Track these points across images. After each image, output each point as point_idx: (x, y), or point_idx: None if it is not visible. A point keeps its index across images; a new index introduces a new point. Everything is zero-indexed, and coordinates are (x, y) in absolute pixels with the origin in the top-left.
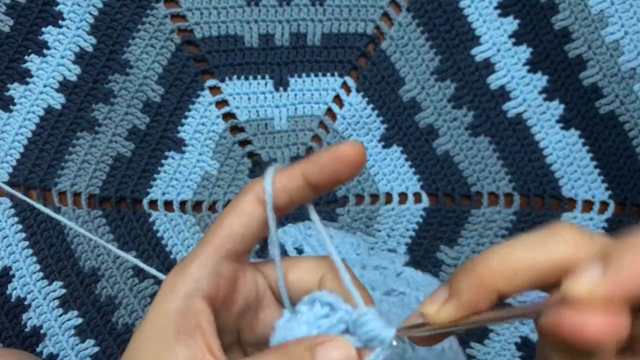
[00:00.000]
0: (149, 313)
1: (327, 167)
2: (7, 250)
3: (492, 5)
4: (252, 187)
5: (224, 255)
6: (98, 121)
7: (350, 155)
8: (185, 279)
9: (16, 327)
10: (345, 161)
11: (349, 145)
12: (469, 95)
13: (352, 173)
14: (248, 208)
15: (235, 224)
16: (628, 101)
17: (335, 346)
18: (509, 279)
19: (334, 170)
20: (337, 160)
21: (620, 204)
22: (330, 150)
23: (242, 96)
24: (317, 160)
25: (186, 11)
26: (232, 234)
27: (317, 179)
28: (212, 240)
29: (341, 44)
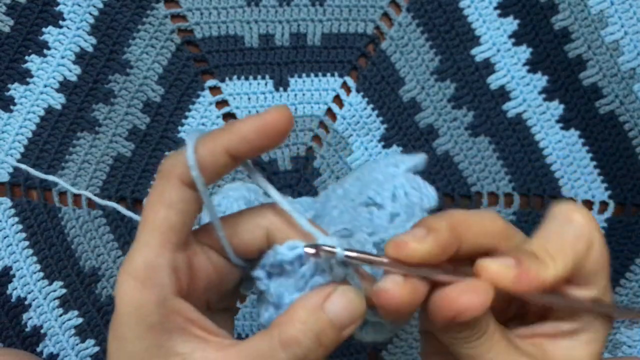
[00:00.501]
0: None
1: (252, 140)
2: (7, 250)
3: (492, 5)
4: (173, 170)
5: (174, 249)
6: (98, 121)
7: (276, 124)
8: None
9: (16, 327)
10: (271, 132)
11: (273, 112)
12: (468, 95)
13: (278, 142)
14: (178, 195)
15: (171, 215)
16: (628, 101)
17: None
18: (475, 236)
19: (258, 143)
20: (262, 132)
21: (620, 204)
22: (252, 120)
23: (242, 96)
24: (239, 133)
25: (186, 11)
26: (172, 227)
27: (242, 153)
28: (155, 238)
29: (341, 44)
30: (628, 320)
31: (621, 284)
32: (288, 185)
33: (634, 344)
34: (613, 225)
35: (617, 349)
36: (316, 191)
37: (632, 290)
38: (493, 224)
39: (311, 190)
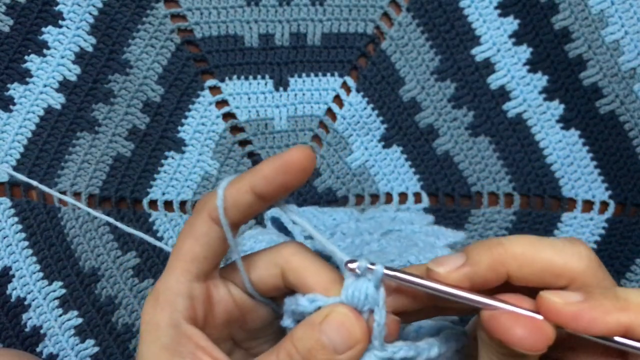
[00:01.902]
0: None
1: (273, 179)
2: (7, 250)
3: (492, 5)
4: (204, 207)
5: (192, 279)
6: (98, 121)
7: (296, 163)
8: (164, 310)
9: (16, 327)
10: (292, 171)
11: (294, 152)
12: (469, 95)
13: (301, 180)
14: (204, 229)
15: (195, 247)
16: (628, 101)
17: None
18: (522, 267)
19: (281, 182)
20: (282, 171)
21: (620, 204)
22: (274, 160)
23: (242, 96)
24: (261, 173)
25: (186, 11)
26: (195, 258)
27: (265, 192)
28: (178, 266)
29: (341, 44)
30: None
31: (621, 284)
32: None
33: None
34: (613, 225)
35: None
36: (316, 191)
37: None
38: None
39: (311, 191)
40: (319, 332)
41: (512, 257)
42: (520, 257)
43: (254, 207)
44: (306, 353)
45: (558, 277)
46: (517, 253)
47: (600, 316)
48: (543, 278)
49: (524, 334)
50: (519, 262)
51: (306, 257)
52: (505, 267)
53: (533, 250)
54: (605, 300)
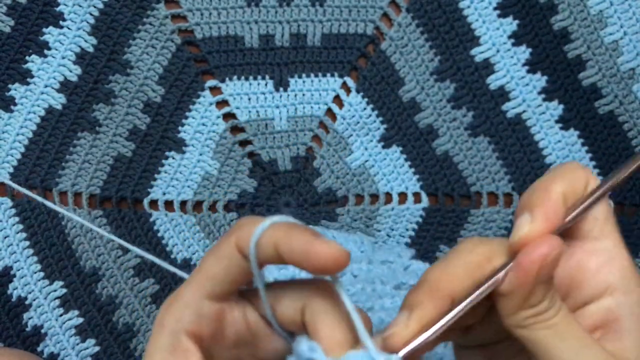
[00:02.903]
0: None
1: (295, 256)
2: (8, 249)
3: (491, 5)
4: (235, 231)
5: (205, 296)
6: (99, 121)
7: (321, 259)
8: (170, 316)
9: (17, 326)
10: (314, 262)
11: (326, 247)
12: (468, 95)
13: (319, 274)
14: (226, 252)
15: (214, 266)
16: (627, 101)
17: None
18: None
19: (301, 263)
20: (306, 256)
21: (619, 204)
22: (307, 238)
23: (242, 96)
24: (289, 241)
25: (186, 12)
26: (212, 277)
27: (286, 259)
28: (195, 279)
29: (341, 45)
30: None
31: None
32: (288, 185)
33: None
34: None
35: None
36: (316, 191)
37: None
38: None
39: (311, 191)
40: None
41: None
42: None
43: (273, 259)
44: None
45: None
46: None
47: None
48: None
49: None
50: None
51: (330, 304)
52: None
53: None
54: None
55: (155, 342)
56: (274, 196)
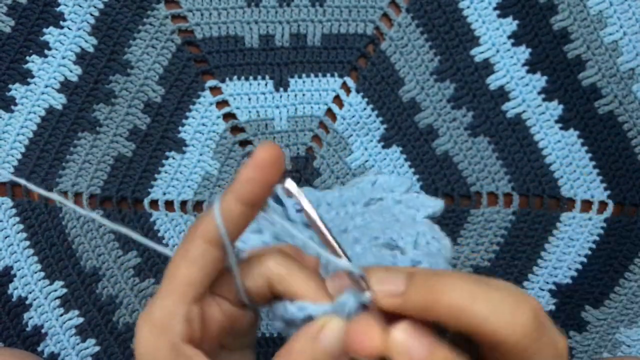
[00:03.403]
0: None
1: (253, 181)
2: (8, 249)
3: (491, 5)
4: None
5: (190, 302)
6: (99, 121)
7: (266, 158)
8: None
9: (17, 326)
10: (266, 165)
11: (261, 149)
12: (468, 95)
13: (278, 172)
14: (198, 252)
15: (191, 271)
16: (627, 101)
17: (333, 329)
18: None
19: (260, 180)
20: (258, 170)
21: (619, 204)
22: (247, 165)
23: (242, 96)
24: (241, 180)
25: (187, 12)
26: (191, 282)
27: (252, 196)
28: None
29: (341, 45)
30: None
31: (620, 284)
32: None
33: (633, 343)
34: (612, 225)
35: (616, 348)
36: None
37: (632, 290)
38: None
39: None
40: (320, 342)
41: (446, 308)
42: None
43: (246, 216)
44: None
45: (486, 341)
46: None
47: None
48: (472, 335)
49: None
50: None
51: (291, 266)
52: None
53: (468, 306)
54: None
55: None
56: None
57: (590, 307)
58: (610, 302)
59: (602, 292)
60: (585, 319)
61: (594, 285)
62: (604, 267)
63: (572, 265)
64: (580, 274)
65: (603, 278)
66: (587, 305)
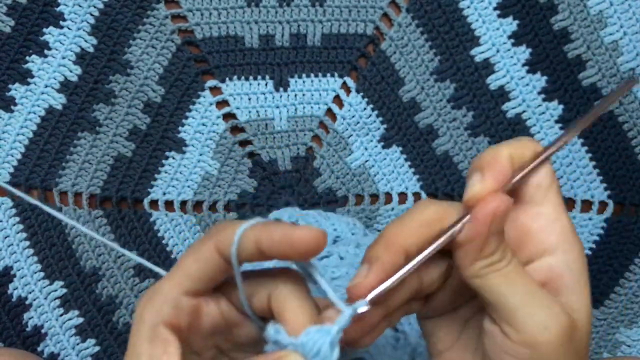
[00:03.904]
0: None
1: (278, 246)
2: (8, 250)
3: (491, 6)
4: (214, 235)
5: (183, 292)
6: (99, 121)
7: (303, 243)
8: (150, 310)
9: (17, 326)
10: (297, 248)
11: (306, 232)
12: (468, 95)
13: (304, 259)
14: (206, 254)
15: (193, 267)
16: (627, 102)
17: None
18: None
19: (284, 253)
20: (289, 244)
21: (619, 204)
22: (286, 229)
23: (242, 96)
24: (270, 234)
25: (187, 12)
26: (190, 276)
27: (268, 253)
28: (175, 276)
29: (341, 45)
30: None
31: (620, 284)
32: (288, 185)
33: (633, 343)
34: (612, 225)
35: (616, 348)
36: (316, 191)
37: (632, 289)
38: (421, 215)
39: (311, 191)
40: None
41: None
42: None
43: (253, 256)
44: None
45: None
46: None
47: None
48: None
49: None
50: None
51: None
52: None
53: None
54: None
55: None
56: (274, 196)
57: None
58: (610, 302)
59: (602, 292)
60: None
61: (594, 285)
62: (604, 267)
63: None
64: None
65: (603, 278)
66: None
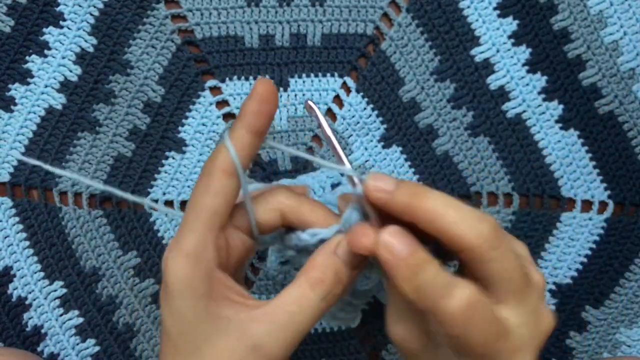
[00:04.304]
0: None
1: (259, 111)
2: (8, 249)
3: (491, 5)
4: (216, 163)
5: (216, 231)
6: (99, 121)
7: (267, 90)
8: (198, 264)
9: (17, 326)
10: (268, 97)
11: (260, 84)
12: (468, 95)
13: (276, 103)
14: (220, 184)
15: (215, 202)
16: (627, 101)
17: (344, 244)
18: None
19: (265, 110)
20: (262, 101)
21: (619, 204)
22: (250, 98)
23: (242, 96)
24: (249, 111)
25: (186, 12)
26: (216, 212)
27: (259, 125)
28: (201, 222)
29: (341, 45)
30: None
31: (620, 284)
32: None
33: (633, 343)
34: (612, 225)
35: (616, 348)
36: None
37: (632, 290)
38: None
39: None
40: (338, 256)
41: (424, 211)
42: (429, 213)
43: (254, 144)
44: (333, 275)
45: (453, 243)
46: (428, 209)
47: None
48: (443, 239)
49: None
50: (427, 217)
51: (300, 199)
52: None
53: (442, 212)
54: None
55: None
56: None
57: (591, 307)
58: (611, 302)
59: (603, 292)
60: (585, 319)
61: (594, 285)
62: (604, 267)
63: (572, 265)
64: (581, 274)
65: (603, 278)
66: (587, 305)
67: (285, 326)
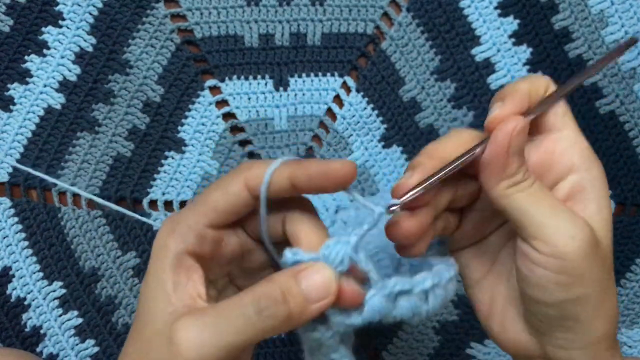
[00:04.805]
0: (150, 268)
1: (314, 180)
2: (7, 250)
3: (492, 5)
4: (244, 171)
5: (207, 224)
6: (98, 121)
7: (339, 174)
8: (175, 239)
9: (16, 327)
10: (333, 179)
11: (340, 164)
12: (469, 95)
13: (336, 189)
14: (235, 189)
15: (221, 200)
16: (628, 101)
17: (315, 271)
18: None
19: (320, 184)
20: (325, 176)
21: (620, 204)
22: (321, 163)
23: (242, 96)
24: (306, 169)
25: (186, 11)
26: (216, 209)
27: (302, 186)
28: (199, 209)
29: (341, 44)
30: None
31: (621, 284)
32: None
33: (634, 344)
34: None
35: None
36: None
37: (633, 290)
38: (458, 137)
39: None
40: (295, 280)
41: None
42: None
43: (285, 192)
44: (281, 296)
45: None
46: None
47: None
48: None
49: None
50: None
51: (306, 215)
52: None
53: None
54: None
55: (158, 261)
56: None
57: None
58: None
59: None
60: None
61: None
62: None
63: None
64: None
65: None
66: None
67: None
